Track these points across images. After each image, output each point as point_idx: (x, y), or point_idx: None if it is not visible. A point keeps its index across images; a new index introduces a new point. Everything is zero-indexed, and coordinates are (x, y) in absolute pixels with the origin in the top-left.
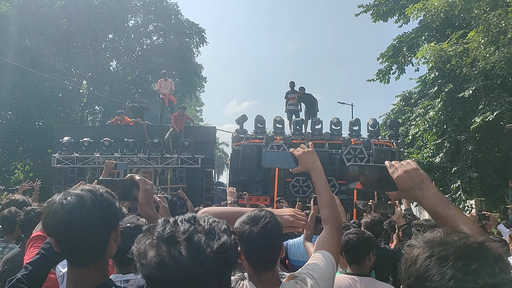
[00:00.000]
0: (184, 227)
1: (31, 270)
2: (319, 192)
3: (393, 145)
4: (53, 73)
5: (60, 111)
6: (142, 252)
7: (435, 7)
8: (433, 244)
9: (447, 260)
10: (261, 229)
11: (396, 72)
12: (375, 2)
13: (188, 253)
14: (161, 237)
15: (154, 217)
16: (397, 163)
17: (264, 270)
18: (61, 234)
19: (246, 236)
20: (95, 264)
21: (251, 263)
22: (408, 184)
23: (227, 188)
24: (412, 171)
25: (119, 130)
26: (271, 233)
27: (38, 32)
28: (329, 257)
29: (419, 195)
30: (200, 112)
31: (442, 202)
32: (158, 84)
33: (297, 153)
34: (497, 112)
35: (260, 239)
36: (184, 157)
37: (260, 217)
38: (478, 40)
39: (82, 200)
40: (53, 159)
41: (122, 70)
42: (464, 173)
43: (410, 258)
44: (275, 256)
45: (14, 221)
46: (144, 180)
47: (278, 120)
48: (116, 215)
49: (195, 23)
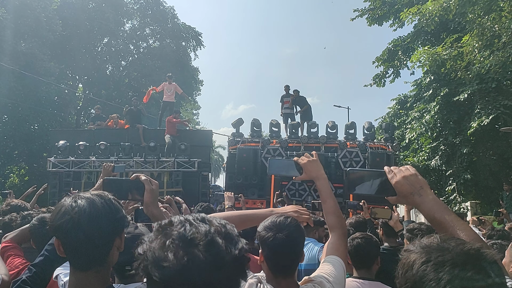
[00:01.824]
0: (205, 228)
1: (35, 272)
2: (325, 199)
3: (388, 148)
4: (48, 76)
5: (56, 115)
6: (159, 253)
7: (429, 11)
8: (430, 250)
9: (443, 266)
10: (285, 236)
11: (391, 75)
12: (370, 7)
13: (211, 257)
14: (183, 238)
15: (160, 217)
16: (396, 168)
17: (284, 275)
18: (68, 234)
19: (270, 242)
20: (97, 268)
21: (271, 267)
22: (407, 189)
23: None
24: (411, 176)
25: (115, 133)
26: (295, 241)
27: (33, 35)
28: (340, 262)
29: (418, 200)
30: (196, 116)
31: (441, 208)
32: (161, 87)
33: (302, 161)
34: (493, 115)
35: (283, 247)
36: (181, 161)
37: (285, 224)
38: (472, 44)
39: (92, 203)
40: (48, 163)
41: (119, 74)
42: (459, 176)
43: (407, 263)
44: (296, 262)
45: (11, 226)
46: (150, 180)
47: (274, 124)
48: (122, 221)
49: (191, 27)
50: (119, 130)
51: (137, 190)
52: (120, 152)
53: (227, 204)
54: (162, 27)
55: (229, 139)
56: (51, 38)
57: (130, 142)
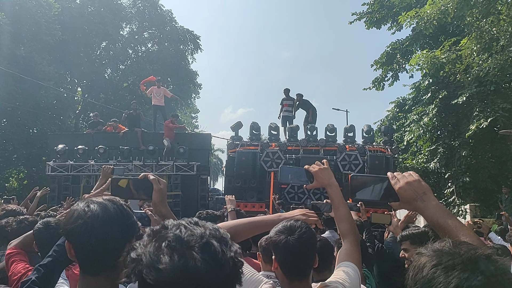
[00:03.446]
0: (200, 231)
1: (43, 273)
2: (337, 206)
3: (387, 151)
4: (47, 81)
5: (55, 119)
6: (154, 256)
7: (428, 14)
8: (441, 254)
9: (453, 269)
10: (297, 239)
11: (390, 79)
12: (368, 10)
13: (205, 260)
14: (178, 240)
15: (169, 216)
16: (399, 174)
17: (299, 279)
18: (81, 238)
19: (282, 245)
20: (107, 273)
21: (285, 272)
22: (411, 195)
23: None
24: (414, 182)
25: (114, 137)
26: (307, 243)
27: (33, 39)
28: (355, 268)
29: (421, 206)
30: (195, 119)
31: (444, 214)
32: (150, 90)
33: (313, 169)
34: (491, 118)
35: (295, 249)
36: (179, 164)
37: (296, 227)
38: (471, 47)
39: (104, 208)
40: (47, 167)
41: (117, 77)
42: (458, 178)
43: (417, 266)
44: (310, 265)
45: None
46: (158, 180)
47: (273, 127)
48: (134, 227)
49: (189, 30)
50: (118, 134)
51: (145, 190)
52: (119, 156)
53: (229, 208)
54: (160, 31)
55: (228, 142)
56: (51, 43)
57: (129, 146)
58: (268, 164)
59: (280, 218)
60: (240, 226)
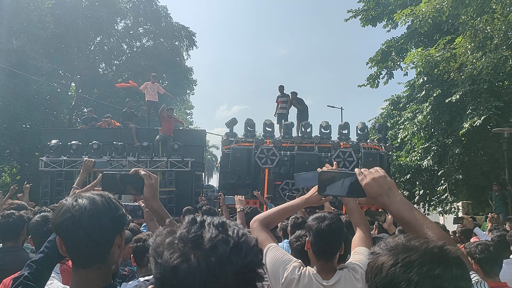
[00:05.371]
0: (211, 234)
1: (36, 269)
2: (347, 202)
3: (381, 149)
4: (40, 75)
5: (48, 114)
6: (159, 249)
7: (423, 13)
8: (397, 251)
9: (411, 266)
10: (326, 225)
11: (385, 76)
12: (364, 8)
13: (207, 264)
14: (184, 239)
15: (161, 211)
16: (366, 170)
17: (325, 259)
18: (69, 231)
19: (314, 229)
20: (98, 266)
21: (315, 251)
22: (376, 191)
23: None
24: (380, 178)
25: (107, 133)
26: (334, 230)
27: (25, 33)
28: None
29: (387, 201)
30: (190, 115)
31: (408, 208)
32: (144, 86)
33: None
34: (484, 116)
35: (325, 233)
36: (174, 160)
37: (326, 217)
38: (465, 46)
39: (92, 201)
40: (40, 162)
41: (112, 73)
42: (451, 176)
43: (376, 267)
44: (335, 249)
45: None
46: (149, 175)
47: (268, 124)
48: (123, 219)
49: (185, 26)
50: (112, 129)
51: (136, 185)
52: (113, 151)
53: (238, 208)
54: (156, 26)
55: (223, 139)
56: (43, 36)
57: (123, 142)
58: (263, 161)
59: (303, 200)
60: (274, 213)
